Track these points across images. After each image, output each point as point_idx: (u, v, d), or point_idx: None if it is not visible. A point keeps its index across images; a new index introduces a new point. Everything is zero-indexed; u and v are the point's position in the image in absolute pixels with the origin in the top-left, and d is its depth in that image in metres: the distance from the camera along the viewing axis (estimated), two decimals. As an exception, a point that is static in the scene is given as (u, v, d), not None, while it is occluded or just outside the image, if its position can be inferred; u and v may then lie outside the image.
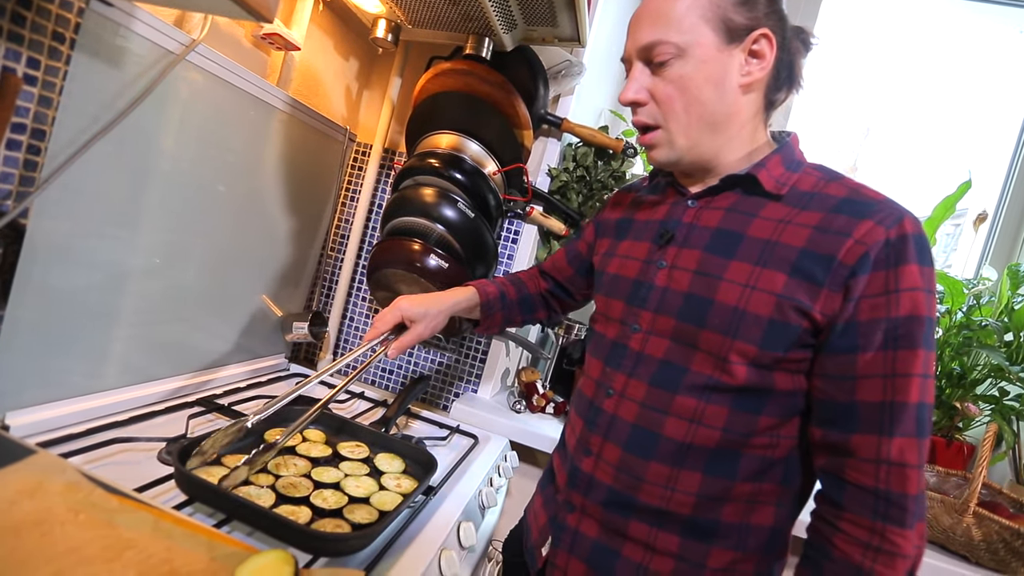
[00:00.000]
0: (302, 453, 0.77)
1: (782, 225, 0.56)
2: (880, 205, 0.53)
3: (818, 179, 0.58)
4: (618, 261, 0.68)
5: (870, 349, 0.51)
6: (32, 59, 0.58)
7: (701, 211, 0.62)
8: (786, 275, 0.54)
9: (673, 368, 0.59)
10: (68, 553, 0.44)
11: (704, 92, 0.58)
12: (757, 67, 0.58)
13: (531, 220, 1.20)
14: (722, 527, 0.58)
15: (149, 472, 0.65)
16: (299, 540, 0.58)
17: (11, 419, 0.66)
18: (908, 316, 0.50)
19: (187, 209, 0.85)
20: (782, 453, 0.57)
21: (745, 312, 0.55)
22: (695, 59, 0.57)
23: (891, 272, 0.51)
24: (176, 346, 0.92)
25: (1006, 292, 1.13)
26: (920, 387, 0.50)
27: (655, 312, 0.61)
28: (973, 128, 1.46)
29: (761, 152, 0.61)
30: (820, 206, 0.55)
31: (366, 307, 1.33)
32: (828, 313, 0.52)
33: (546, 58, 1.15)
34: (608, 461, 0.62)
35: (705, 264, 0.58)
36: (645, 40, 0.59)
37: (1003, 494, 1.05)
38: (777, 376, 0.55)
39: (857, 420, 0.52)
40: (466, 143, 1.08)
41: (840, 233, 0.52)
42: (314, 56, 1.15)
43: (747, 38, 0.57)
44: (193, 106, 0.81)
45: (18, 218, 0.61)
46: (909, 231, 0.51)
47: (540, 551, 0.69)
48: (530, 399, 1.24)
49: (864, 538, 0.51)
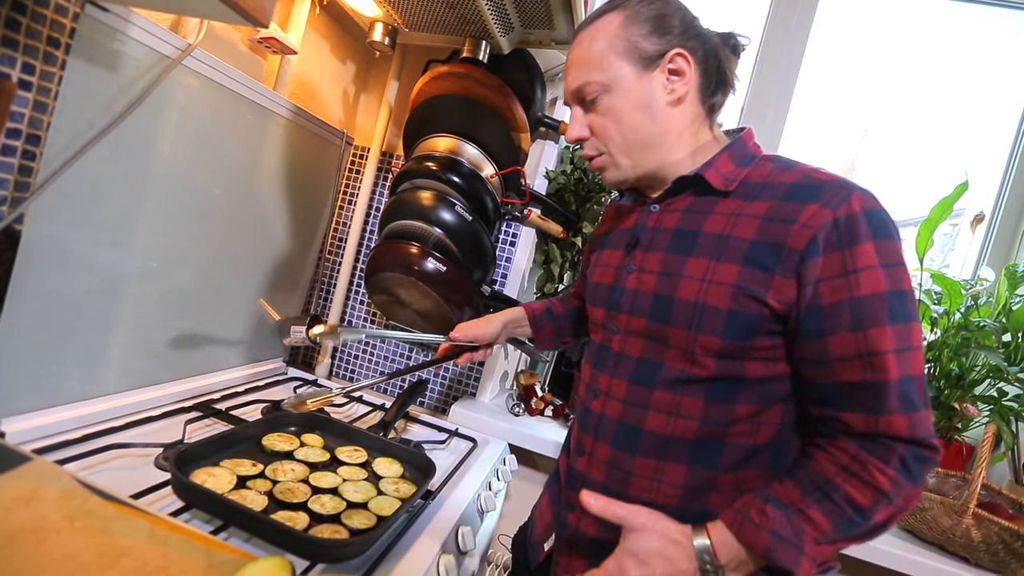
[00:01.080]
0: (300, 458, 0.77)
1: (733, 219, 0.58)
2: (828, 186, 0.54)
3: (771, 169, 0.60)
4: (599, 270, 0.72)
5: (838, 331, 0.52)
6: (27, 64, 0.58)
7: (662, 215, 0.65)
8: (739, 266, 0.55)
9: (649, 364, 0.62)
10: (64, 561, 0.44)
11: (634, 117, 0.62)
12: (680, 83, 0.62)
13: (529, 223, 1.20)
14: (711, 517, 0.58)
15: (146, 478, 0.65)
16: (297, 546, 0.58)
17: (6, 425, 0.66)
18: (870, 295, 0.51)
19: (184, 213, 0.85)
20: (764, 439, 0.58)
21: (705, 305, 0.57)
22: (619, 90, 0.62)
23: (845, 253, 0.51)
24: (173, 351, 0.91)
25: (1004, 293, 1.13)
26: (898, 362, 0.50)
27: (628, 314, 0.64)
28: (970, 129, 1.46)
29: (707, 151, 0.64)
30: (770, 195, 0.57)
31: (364, 311, 1.33)
32: (785, 300, 0.53)
33: (543, 61, 1.15)
34: (600, 459, 0.65)
35: (667, 264, 0.61)
36: (575, 84, 0.65)
37: (1002, 495, 1.05)
38: (748, 365, 0.57)
39: (844, 399, 0.53)
40: (463, 146, 1.08)
41: (787, 220, 0.54)
42: (311, 60, 1.15)
43: (662, 61, 0.61)
44: (189, 110, 0.80)
45: (13, 224, 0.61)
46: (857, 208, 0.52)
47: (543, 546, 0.72)
48: (529, 402, 1.24)
49: (845, 462, 0.51)
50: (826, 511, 0.50)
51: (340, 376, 1.34)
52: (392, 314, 1.18)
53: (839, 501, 0.50)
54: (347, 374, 1.34)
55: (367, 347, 1.33)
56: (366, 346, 1.33)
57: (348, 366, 1.34)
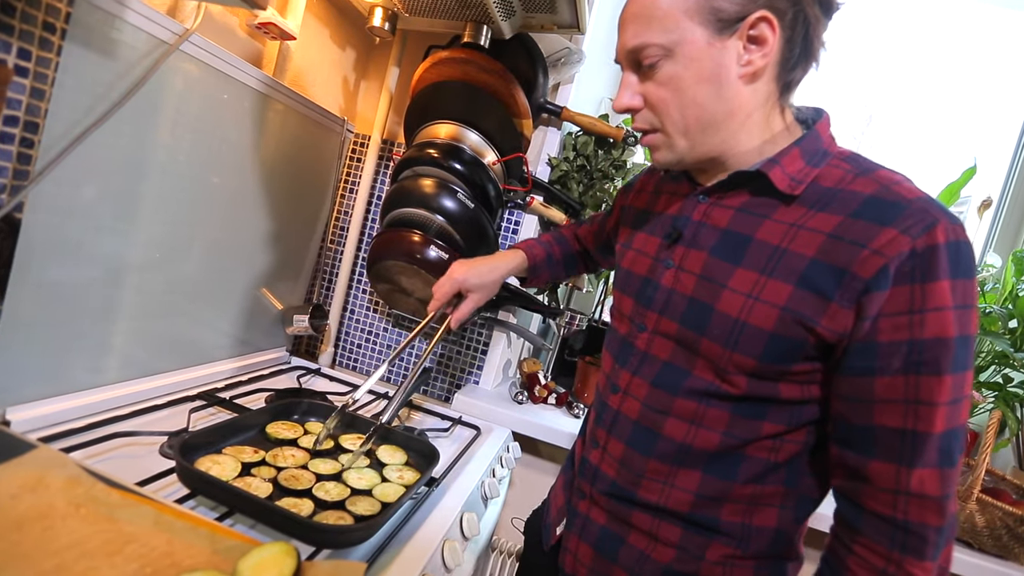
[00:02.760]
0: (303, 446, 0.77)
1: (794, 229, 0.51)
2: (910, 208, 0.46)
3: (845, 173, 0.52)
4: (632, 255, 0.66)
5: (889, 373, 0.47)
6: (23, 50, 0.57)
7: (711, 208, 0.58)
8: (792, 286, 0.50)
9: (676, 371, 0.57)
10: (70, 547, 0.44)
11: (699, 92, 0.53)
12: (758, 54, 0.51)
13: (531, 210, 1.19)
14: (723, 525, 0.57)
15: (151, 466, 0.65)
16: (302, 532, 0.58)
17: (12, 414, 0.66)
18: (934, 339, 0.45)
19: (185, 202, 0.84)
20: (785, 456, 0.55)
21: (746, 324, 0.51)
22: (685, 58, 0.52)
23: (916, 288, 0.45)
24: (177, 340, 0.91)
25: (1011, 279, 1.12)
26: (947, 416, 0.45)
27: (660, 313, 0.59)
28: (977, 114, 1.44)
29: (779, 141, 0.56)
30: (841, 208, 0.49)
31: (367, 299, 1.32)
32: (837, 330, 0.48)
33: (545, 46, 1.13)
34: (612, 455, 0.63)
35: (710, 268, 0.55)
36: (631, 44, 0.55)
37: (1006, 480, 1.05)
38: (783, 387, 0.52)
39: (874, 445, 0.48)
40: (465, 133, 1.07)
41: (856, 242, 0.47)
42: (310, 46, 1.14)
43: (742, 25, 0.51)
44: (188, 97, 0.80)
45: (13, 212, 0.60)
46: (941, 240, 0.45)
47: (555, 529, 0.72)
48: (532, 390, 1.24)
49: (880, 566, 0.48)
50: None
51: (343, 365, 1.34)
52: (395, 303, 1.18)
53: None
54: (350, 363, 1.34)
55: (370, 336, 1.33)
56: (369, 335, 1.33)
57: (351, 355, 1.34)
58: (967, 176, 1.12)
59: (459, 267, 0.82)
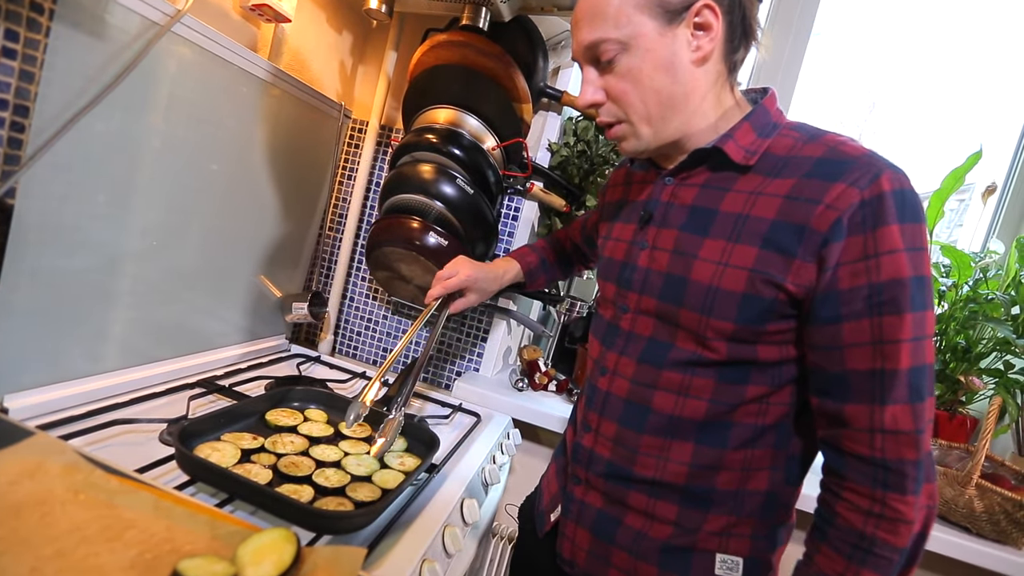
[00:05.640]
0: (303, 432, 0.77)
1: (753, 197, 0.55)
2: (856, 163, 0.51)
3: (795, 140, 0.56)
4: (611, 244, 0.70)
5: (854, 317, 0.50)
6: (10, 31, 0.56)
7: (677, 188, 0.62)
8: (758, 248, 0.53)
9: (659, 345, 0.60)
10: (69, 533, 0.44)
11: (656, 79, 0.57)
12: (706, 39, 0.56)
13: (531, 196, 1.18)
14: (717, 494, 0.59)
15: (150, 453, 0.65)
16: (302, 518, 0.58)
17: (10, 401, 0.66)
18: (891, 280, 0.49)
19: (181, 188, 0.83)
20: (772, 419, 0.58)
21: (719, 289, 0.55)
22: (640, 50, 0.56)
23: (869, 235, 0.49)
24: (175, 327, 0.91)
25: (1014, 265, 1.11)
26: (912, 351, 0.49)
27: (640, 293, 0.62)
28: (981, 100, 1.43)
29: (730, 118, 0.60)
30: (794, 171, 0.54)
31: (366, 287, 1.32)
32: (803, 284, 0.52)
33: (545, 29, 1.12)
34: (606, 436, 0.64)
35: (681, 243, 0.59)
36: (587, 41, 0.58)
37: (1005, 466, 1.05)
38: (760, 348, 0.55)
39: (849, 390, 0.51)
40: (464, 118, 1.05)
41: (811, 200, 0.51)
42: (306, 29, 1.12)
43: (687, 13, 0.55)
44: (182, 81, 0.78)
45: (5, 197, 0.59)
46: (886, 188, 0.49)
47: (549, 516, 0.73)
48: (532, 377, 1.24)
49: (866, 506, 0.51)
50: (873, 566, 0.50)
51: (343, 353, 1.34)
52: (394, 290, 1.17)
53: (880, 552, 0.50)
54: (350, 351, 1.34)
55: (369, 323, 1.32)
56: (368, 322, 1.32)
57: (351, 342, 1.34)
58: (972, 161, 1.11)
59: (468, 267, 0.87)
